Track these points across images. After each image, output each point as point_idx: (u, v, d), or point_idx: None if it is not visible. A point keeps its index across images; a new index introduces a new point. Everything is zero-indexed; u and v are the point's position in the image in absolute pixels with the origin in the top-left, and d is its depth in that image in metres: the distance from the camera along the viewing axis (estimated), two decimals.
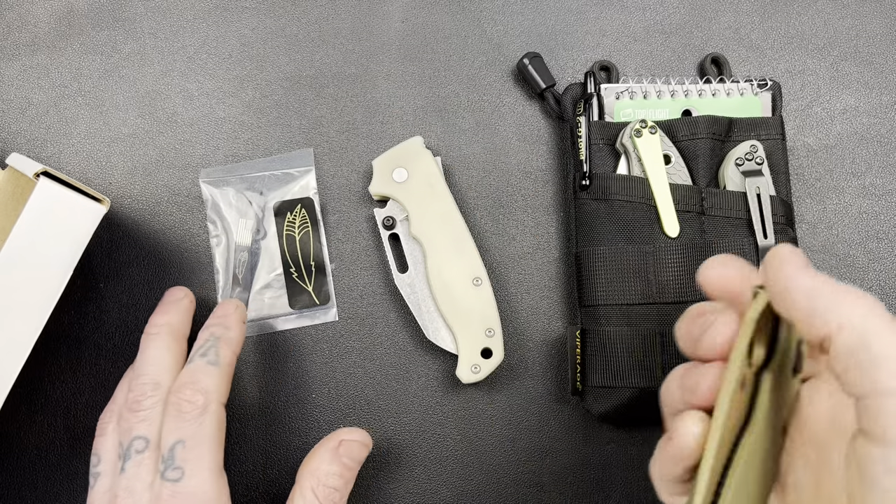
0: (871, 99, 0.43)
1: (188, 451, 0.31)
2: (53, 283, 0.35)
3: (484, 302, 0.38)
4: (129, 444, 0.32)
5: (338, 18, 0.44)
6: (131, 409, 0.33)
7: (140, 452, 0.31)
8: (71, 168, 0.42)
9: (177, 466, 0.30)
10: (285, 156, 0.42)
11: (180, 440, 0.31)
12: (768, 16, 0.44)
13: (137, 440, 0.32)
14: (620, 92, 0.41)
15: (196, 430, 0.31)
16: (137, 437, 0.32)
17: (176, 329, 0.36)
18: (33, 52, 0.43)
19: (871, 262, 0.41)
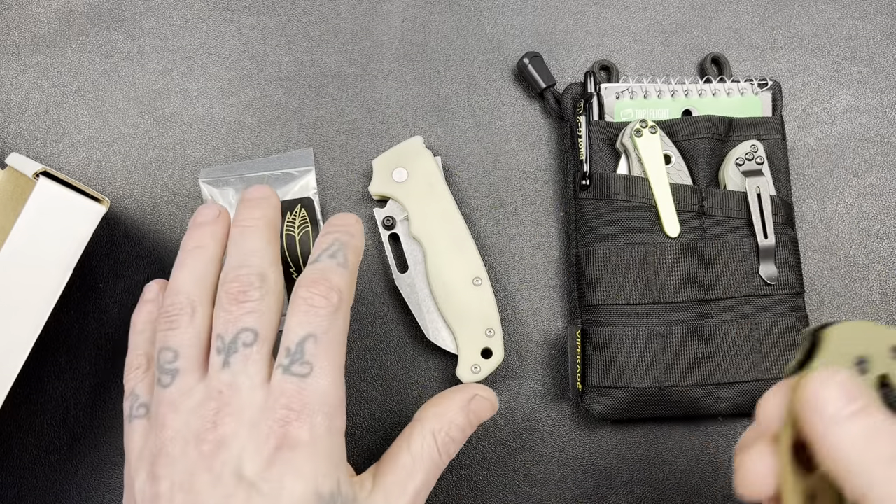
0: (871, 99, 0.43)
1: (320, 347, 0.28)
2: (53, 283, 0.35)
3: (484, 302, 0.38)
4: (235, 337, 0.28)
5: (338, 18, 0.44)
6: (236, 299, 0.29)
7: (248, 346, 0.28)
8: (70, 168, 0.42)
9: (306, 361, 0.27)
10: (285, 155, 0.42)
11: (311, 334, 0.28)
12: (768, 15, 0.44)
13: (245, 332, 0.28)
14: (620, 92, 0.41)
15: (329, 327, 0.28)
16: (245, 329, 0.28)
17: (274, 223, 0.32)
18: (33, 52, 0.43)
19: (871, 262, 0.41)
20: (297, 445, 0.26)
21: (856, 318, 0.41)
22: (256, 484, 0.25)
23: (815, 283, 0.41)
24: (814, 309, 0.41)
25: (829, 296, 0.41)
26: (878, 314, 0.41)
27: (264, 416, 0.26)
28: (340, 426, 0.27)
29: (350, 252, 0.31)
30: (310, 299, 0.28)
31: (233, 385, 0.27)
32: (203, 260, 0.31)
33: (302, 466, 0.26)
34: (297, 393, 0.27)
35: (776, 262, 0.38)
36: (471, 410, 0.32)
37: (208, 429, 0.26)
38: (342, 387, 0.28)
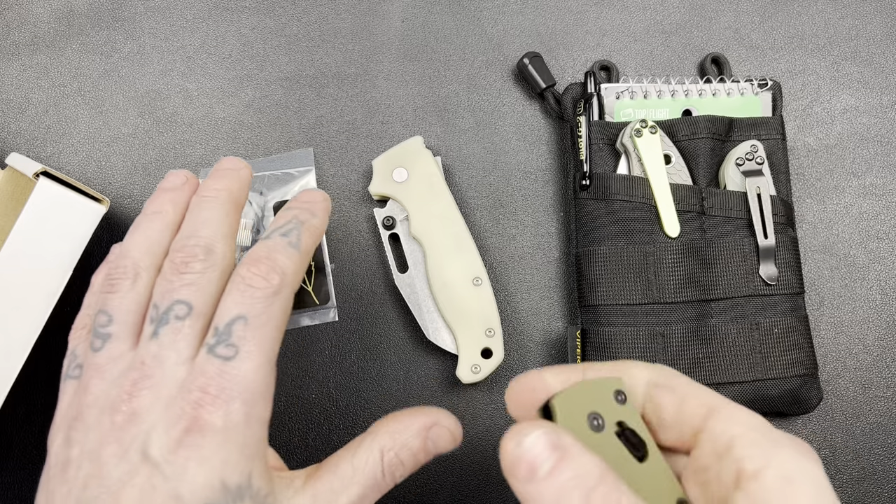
0: (871, 99, 0.43)
1: (249, 330, 0.26)
2: (53, 282, 0.35)
3: (484, 302, 0.38)
4: (169, 308, 0.27)
5: (338, 18, 0.44)
6: (177, 269, 0.28)
7: (180, 319, 0.27)
8: (71, 168, 0.42)
9: (232, 343, 0.26)
10: (285, 155, 0.42)
11: (243, 316, 0.26)
12: (768, 16, 0.44)
13: (179, 304, 0.27)
14: (621, 92, 0.41)
15: (264, 310, 0.26)
16: (179, 302, 0.27)
17: (235, 196, 0.31)
18: (33, 52, 0.43)
19: (871, 262, 0.41)
20: (207, 431, 0.24)
21: (853, 319, 0.41)
22: (160, 465, 0.24)
23: (815, 283, 0.41)
24: (814, 309, 0.41)
25: (830, 296, 0.41)
26: (878, 314, 0.41)
27: (181, 395, 0.25)
28: (262, 416, 0.26)
29: (305, 232, 0.29)
30: (248, 279, 0.27)
31: (158, 357, 0.26)
32: (158, 226, 0.30)
33: (209, 453, 0.24)
34: (217, 376, 0.25)
35: (776, 262, 0.38)
36: (428, 437, 0.29)
37: (124, 399, 0.25)
38: (269, 375, 0.26)
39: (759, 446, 0.21)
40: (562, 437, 0.21)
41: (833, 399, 0.40)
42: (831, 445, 0.39)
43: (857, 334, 0.40)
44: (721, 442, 0.22)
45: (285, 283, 0.27)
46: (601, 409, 0.22)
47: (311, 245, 0.30)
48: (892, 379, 0.40)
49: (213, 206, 0.30)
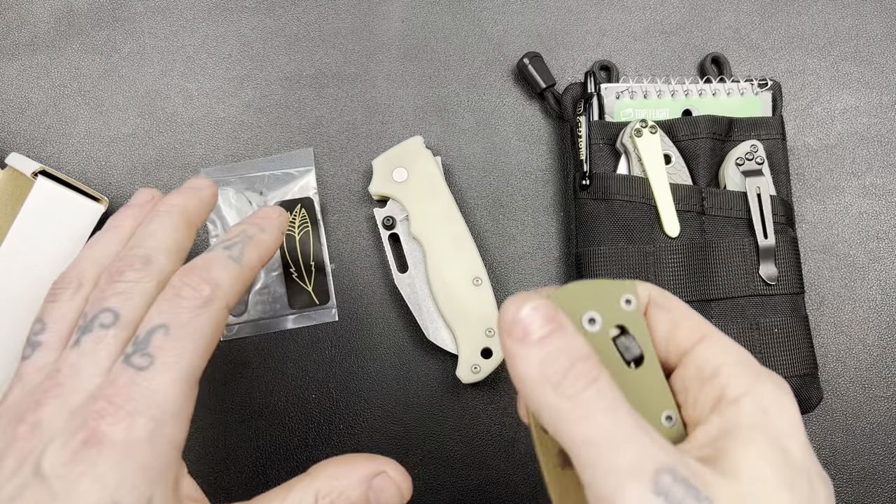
0: (871, 99, 0.43)
1: (168, 341, 0.24)
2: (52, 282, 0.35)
3: (484, 302, 0.38)
4: (95, 316, 0.25)
5: (338, 18, 0.44)
6: (110, 278, 0.26)
7: (105, 328, 0.25)
8: (70, 168, 0.42)
9: (148, 353, 0.24)
10: (285, 155, 0.42)
11: (164, 325, 0.25)
12: (768, 15, 0.44)
13: (106, 313, 0.25)
14: (621, 91, 0.41)
15: (188, 321, 0.25)
16: (106, 310, 0.25)
17: (190, 213, 0.30)
18: (33, 52, 0.43)
19: (871, 262, 0.41)
20: (105, 444, 0.22)
21: (853, 319, 0.41)
22: (50, 480, 0.22)
23: (815, 282, 0.41)
24: (814, 309, 0.41)
25: (830, 295, 0.41)
26: (878, 314, 0.41)
27: (85, 404, 0.23)
28: (172, 437, 0.23)
29: (251, 246, 0.28)
30: (178, 288, 0.26)
31: (74, 366, 0.24)
32: (112, 240, 0.29)
33: (104, 470, 0.22)
34: (126, 386, 0.23)
35: (776, 261, 0.38)
36: (371, 488, 0.27)
37: (30, 408, 0.24)
38: (186, 392, 0.24)
39: (743, 376, 0.22)
40: (560, 314, 0.21)
41: (833, 399, 0.40)
42: (831, 445, 0.39)
43: (857, 334, 0.40)
44: (707, 367, 0.22)
45: (217, 295, 0.26)
46: (602, 311, 0.23)
47: (256, 260, 0.29)
48: (892, 379, 0.40)
49: (162, 220, 0.29)
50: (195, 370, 0.25)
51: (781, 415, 0.21)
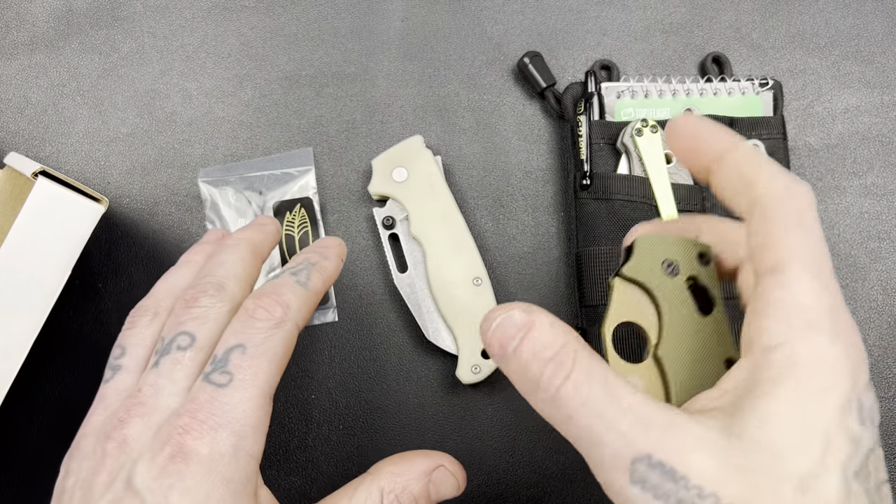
0: (872, 98, 0.43)
1: (246, 360, 0.26)
2: (52, 282, 0.34)
3: (484, 302, 0.38)
4: (173, 339, 0.27)
5: (337, 17, 0.44)
6: (186, 304, 0.28)
7: (182, 350, 0.26)
8: (69, 167, 0.42)
9: (227, 371, 0.25)
10: (284, 155, 0.41)
11: (241, 344, 0.26)
12: (769, 15, 0.44)
13: (182, 336, 0.27)
14: (621, 91, 0.41)
15: (263, 341, 0.26)
16: (183, 333, 0.27)
17: (256, 244, 0.31)
18: (32, 52, 0.43)
19: (872, 262, 0.41)
20: (192, 459, 0.23)
21: (854, 319, 0.41)
22: (142, 494, 0.23)
23: None
24: None
25: None
26: (880, 314, 0.41)
27: (169, 421, 0.24)
28: (252, 450, 0.25)
29: (315, 272, 0.30)
30: (252, 310, 0.27)
31: (154, 385, 0.26)
32: (185, 273, 0.31)
33: (192, 483, 0.23)
34: (208, 402, 0.24)
35: None
36: (431, 481, 0.28)
37: (116, 426, 0.25)
38: (263, 408, 0.25)
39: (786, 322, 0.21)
40: (532, 313, 0.22)
41: None
42: None
43: None
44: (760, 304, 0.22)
45: (288, 316, 0.28)
46: (681, 261, 0.25)
47: (321, 285, 0.30)
48: (893, 380, 0.40)
49: (231, 252, 0.30)
50: (270, 387, 0.26)
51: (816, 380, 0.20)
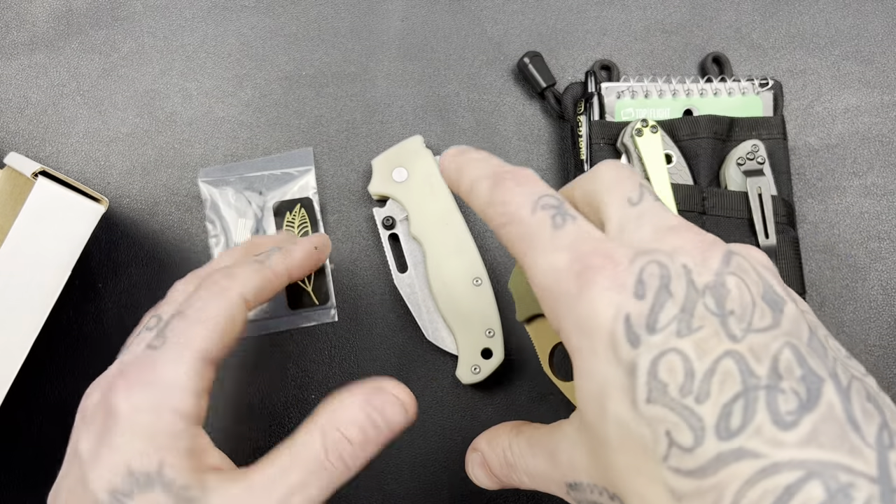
0: (872, 98, 0.43)
1: (180, 324, 0.26)
2: (52, 283, 0.34)
3: (484, 302, 0.38)
4: (146, 323, 0.28)
5: (337, 17, 0.44)
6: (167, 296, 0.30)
7: (149, 330, 0.28)
8: (69, 167, 0.42)
9: (163, 335, 0.26)
10: (284, 155, 0.41)
11: (181, 311, 0.27)
12: (769, 15, 0.44)
13: (152, 318, 0.28)
14: (621, 91, 0.40)
15: (201, 307, 0.27)
16: (154, 316, 0.28)
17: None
18: (32, 51, 0.43)
19: (872, 262, 0.41)
20: (117, 415, 0.24)
21: (855, 319, 0.41)
22: (81, 456, 0.25)
23: (816, 283, 0.41)
24: (815, 309, 0.40)
25: (831, 296, 0.41)
26: (880, 314, 0.41)
27: (104, 381, 0.26)
28: (179, 408, 0.25)
29: (278, 256, 0.31)
30: (202, 285, 0.28)
31: (119, 362, 0.27)
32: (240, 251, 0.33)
33: (117, 438, 0.24)
34: (137, 363, 0.26)
35: (777, 262, 0.38)
36: (373, 408, 0.26)
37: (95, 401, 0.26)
38: (196, 370, 0.26)
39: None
40: (477, 448, 0.29)
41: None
42: None
43: (858, 335, 0.40)
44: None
45: (233, 286, 0.28)
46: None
47: (283, 267, 0.31)
48: (894, 380, 0.40)
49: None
50: (206, 351, 0.26)
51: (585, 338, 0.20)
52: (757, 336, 0.18)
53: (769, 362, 0.18)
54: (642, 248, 0.20)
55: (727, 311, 0.19)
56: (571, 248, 0.21)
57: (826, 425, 0.17)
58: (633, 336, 0.19)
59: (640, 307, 0.19)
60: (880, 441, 0.17)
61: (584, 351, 0.20)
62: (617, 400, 0.19)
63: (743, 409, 0.17)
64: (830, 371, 0.18)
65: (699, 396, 0.18)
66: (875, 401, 0.18)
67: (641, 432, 0.18)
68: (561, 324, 0.21)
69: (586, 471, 0.21)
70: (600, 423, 0.19)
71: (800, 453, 0.16)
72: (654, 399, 0.18)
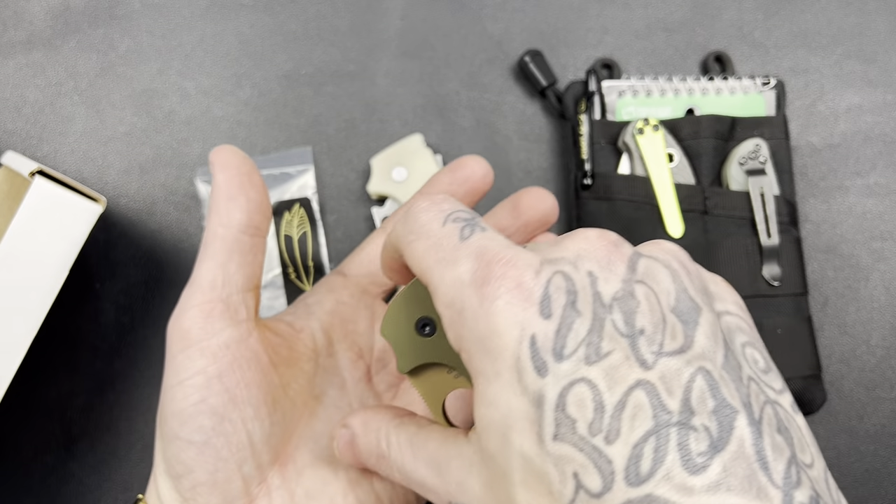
0: (875, 97, 0.43)
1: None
2: (49, 283, 0.34)
3: None
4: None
5: (336, 15, 0.44)
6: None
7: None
8: (67, 167, 0.42)
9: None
10: (283, 154, 0.41)
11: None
12: (772, 13, 0.44)
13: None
14: (623, 90, 0.40)
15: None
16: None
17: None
18: (29, 50, 0.43)
19: (875, 262, 0.41)
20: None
21: (857, 319, 0.40)
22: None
23: (818, 283, 0.41)
24: (818, 310, 0.40)
25: (833, 296, 0.40)
26: (883, 314, 0.40)
27: None
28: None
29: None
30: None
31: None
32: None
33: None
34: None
35: (779, 262, 0.38)
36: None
37: None
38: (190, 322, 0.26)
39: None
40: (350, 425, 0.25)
41: (837, 400, 0.40)
42: (835, 447, 0.39)
43: (861, 335, 0.40)
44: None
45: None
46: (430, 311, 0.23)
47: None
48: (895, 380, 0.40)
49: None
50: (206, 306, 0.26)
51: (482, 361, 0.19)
52: (668, 361, 0.17)
53: (681, 394, 0.17)
54: (547, 255, 0.19)
55: (637, 329, 0.18)
56: (476, 257, 0.19)
57: (736, 465, 0.16)
58: (539, 363, 0.17)
59: (547, 328, 0.18)
60: (787, 480, 0.16)
61: (487, 374, 0.18)
62: (522, 433, 0.18)
63: (654, 451, 0.16)
64: (744, 399, 0.17)
65: (609, 435, 0.17)
66: (786, 431, 0.18)
67: (547, 470, 0.17)
68: (462, 343, 0.19)
69: (479, 499, 0.20)
70: (502, 454, 0.18)
71: (708, 499, 0.16)
72: (562, 436, 0.17)
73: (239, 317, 0.26)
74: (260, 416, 0.26)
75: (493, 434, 0.18)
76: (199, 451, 0.25)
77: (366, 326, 0.31)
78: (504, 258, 0.19)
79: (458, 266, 0.19)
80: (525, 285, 0.18)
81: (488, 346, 0.18)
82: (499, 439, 0.18)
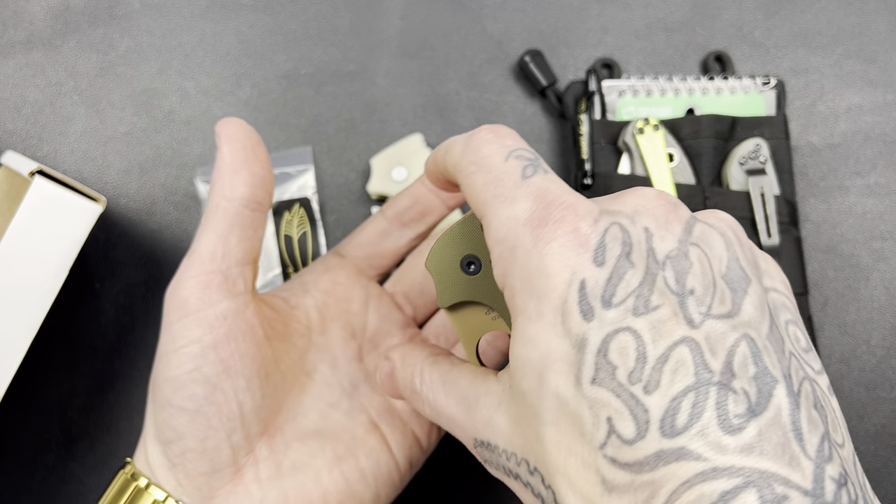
0: (876, 97, 0.43)
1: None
2: (49, 283, 0.34)
3: None
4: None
5: (336, 15, 0.44)
6: None
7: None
8: (66, 167, 0.42)
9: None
10: (283, 154, 0.41)
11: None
12: (772, 13, 0.44)
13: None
14: (623, 89, 0.40)
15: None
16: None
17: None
18: (29, 50, 0.43)
19: (875, 262, 0.41)
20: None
21: (858, 319, 0.40)
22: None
23: (818, 283, 0.41)
24: (818, 310, 0.40)
25: (833, 296, 0.40)
26: (883, 314, 0.40)
27: None
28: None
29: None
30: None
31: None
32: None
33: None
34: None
35: (780, 262, 0.38)
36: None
37: None
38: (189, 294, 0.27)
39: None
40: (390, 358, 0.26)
41: (837, 400, 0.39)
42: None
43: (861, 335, 0.40)
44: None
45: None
46: (477, 250, 0.23)
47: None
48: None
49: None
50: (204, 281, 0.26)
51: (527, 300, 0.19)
52: (715, 323, 0.17)
53: (724, 356, 0.17)
54: (606, 207, 0.19)
55: (687, 289, 0.18)
56: (535, 198, 0.19)
57: (771, 432, 0.16)
58: (586, 307, 0.18)
59: (598, 275, 0.18)
60: (820, 453, 0.16)
61: (529, 313, 0.19)
62: (559, 373, 0.18)
63: (692, 406, 0.16)
64: (784, 371, 0.18)
65: (648, 386, 0.17)
66: (822, 408, 0.18)
67: (581, 413, 0.17)
68: (507, 280, 0.19)
69: (506, 436, 0.20)
70: (535, 393, 0.18)
71: (741, 460, 0.16)
72: (600, 381, 0.17)
73: (236, 289, 0.26)
74: (252, 387, 0.26)
75: (529, 373, 0.19)
76: (191, 419, 0.25)
77: (360, 307, 0.31)
78: (564, 203, 0.19)
79: (516, 204, 0.19)
80: (582, 231, 0.18)
81: (535, 285, 0.18)
82: (534, 378, 0.18)
